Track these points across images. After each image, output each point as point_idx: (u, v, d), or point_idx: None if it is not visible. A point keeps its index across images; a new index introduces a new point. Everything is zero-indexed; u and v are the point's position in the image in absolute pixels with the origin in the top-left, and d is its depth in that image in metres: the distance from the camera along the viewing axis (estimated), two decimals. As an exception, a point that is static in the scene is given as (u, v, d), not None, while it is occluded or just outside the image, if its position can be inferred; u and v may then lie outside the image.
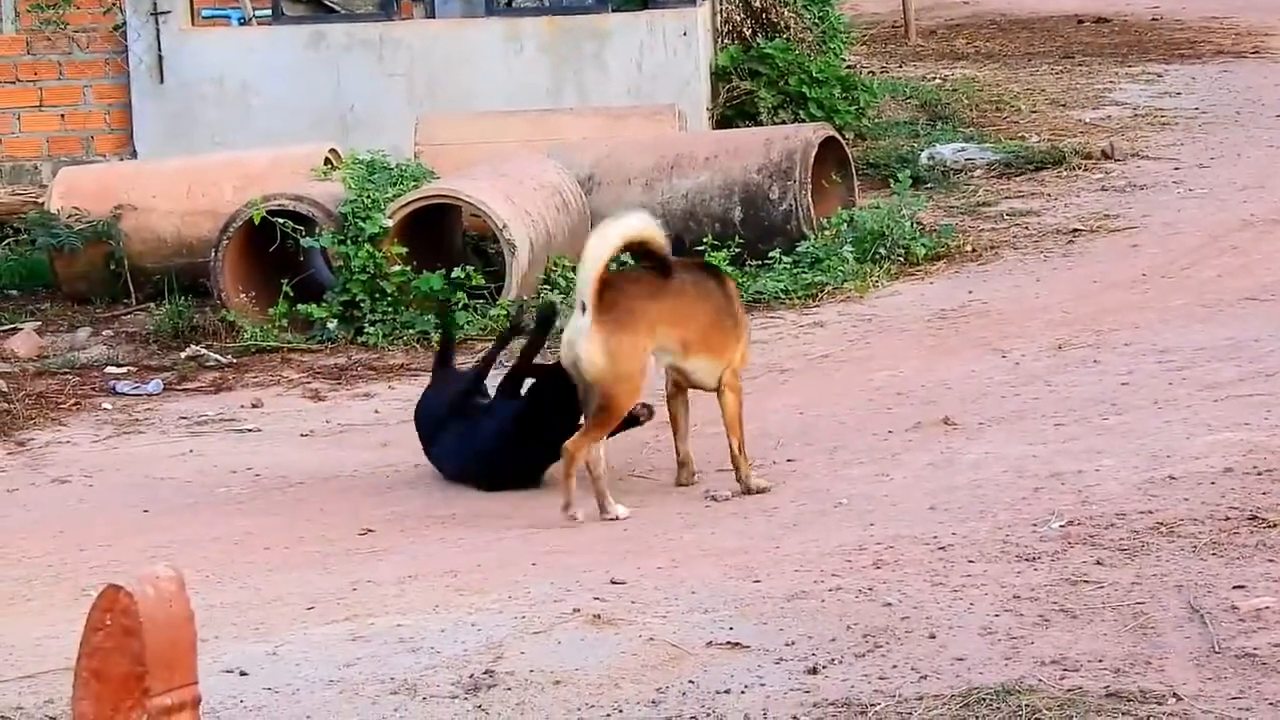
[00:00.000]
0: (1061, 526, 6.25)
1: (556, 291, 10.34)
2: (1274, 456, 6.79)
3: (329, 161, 11.43)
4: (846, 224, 11.23)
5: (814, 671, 5.18)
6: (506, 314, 9.85)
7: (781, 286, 10.59)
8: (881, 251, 10.98)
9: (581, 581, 6.08)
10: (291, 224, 10.43)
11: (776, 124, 13.21)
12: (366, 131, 12.75)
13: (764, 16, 14.56)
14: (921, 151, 13.68)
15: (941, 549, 6.13)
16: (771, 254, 10.97)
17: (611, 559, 6.39)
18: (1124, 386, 8.17)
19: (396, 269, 10.29)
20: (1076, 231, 11.58)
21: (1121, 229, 11.60)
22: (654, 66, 13.11)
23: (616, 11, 13.39)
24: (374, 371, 9.83)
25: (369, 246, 10.25)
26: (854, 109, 14.31)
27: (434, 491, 7.72)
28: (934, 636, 5.37)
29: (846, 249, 10.95)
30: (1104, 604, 5.51)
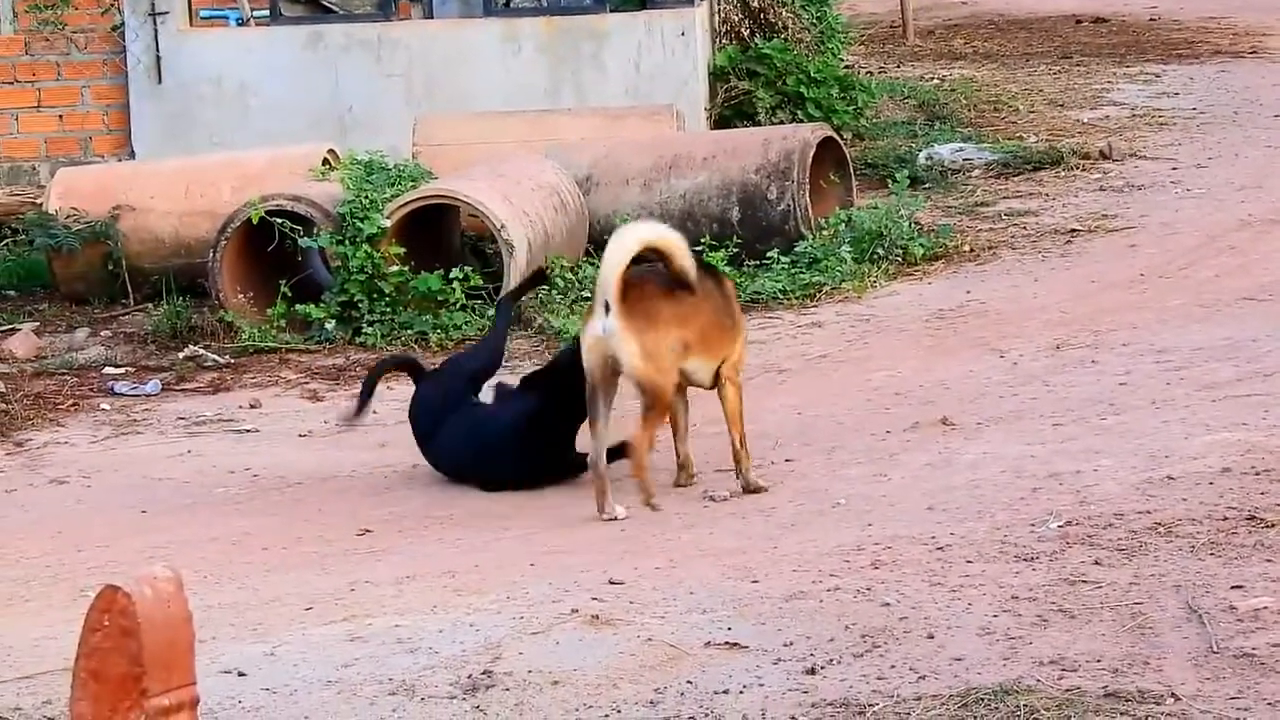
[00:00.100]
0: (1059, 527, 6.25)
1: (555, 292, 10.34)
2: (1272, 456, 6.79)
3: (327, 162, 11.42)
4: (844, 224, 11.23)
5: (812, 672, 5.18)
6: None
7: (779, 287, 10.58)
8: (879, 251, 10.98)
9: (580, 582, 6.08)
10: (289, 224, 10.42)
11: (774, 124, 13.20)
12: (364, 132, 12.75)
13: (762, 16, 14.54)
14: (919, 151, 13.67)
15: (939, 549, 6.13)
16: (769, 254, 10.97)
17: (610, 559, 6.39)
18: (1122, 386, 8.16)
19: (394, 269, 10.28)
20: (1074, 231, 11.57)
21: (1119, 229, 11.59)
22: (652, 67, 13.10)
23: (614, 12, 13.38)
24: (372, 372, 9.82)
25: (367, 247, 10.25)
26: (852, 109, 14.30)
27: (432, 492, 7.71)
28: (932, 637, 5.37)
29: (844, 249, 10.95)
30: (1102, 604, 5.51)
